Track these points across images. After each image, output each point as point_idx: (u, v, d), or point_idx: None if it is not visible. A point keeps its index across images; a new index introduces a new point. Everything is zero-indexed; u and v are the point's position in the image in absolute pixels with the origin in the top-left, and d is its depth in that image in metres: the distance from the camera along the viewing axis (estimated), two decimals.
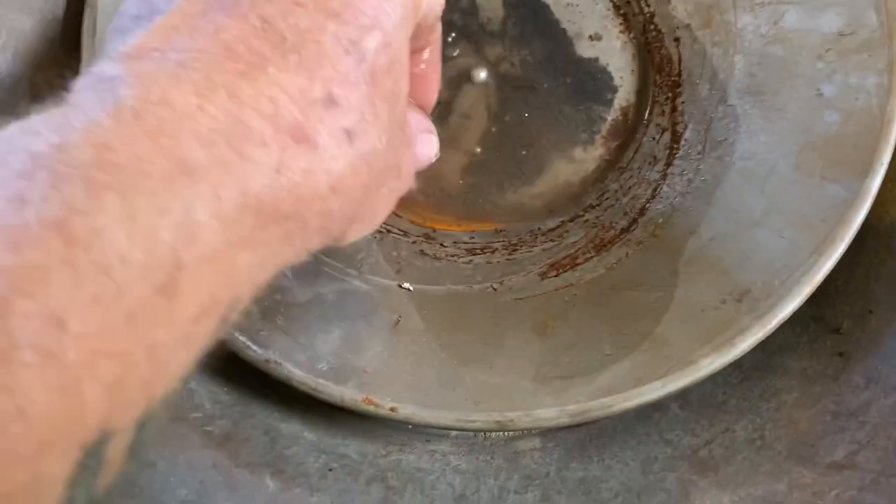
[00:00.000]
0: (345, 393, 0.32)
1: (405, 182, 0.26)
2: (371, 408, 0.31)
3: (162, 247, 0.17)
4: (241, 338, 0.32)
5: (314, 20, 0.20)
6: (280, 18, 0.20)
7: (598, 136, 0.40)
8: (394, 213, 0.39)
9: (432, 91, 0.32)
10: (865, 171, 0.32)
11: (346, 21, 0.20)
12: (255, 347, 0.32)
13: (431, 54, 0.30)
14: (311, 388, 0.32)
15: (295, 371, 0.32)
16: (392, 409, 0.31)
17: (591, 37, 0.41)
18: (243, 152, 0.18)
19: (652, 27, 0.40)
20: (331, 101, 0.20)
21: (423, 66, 0.30)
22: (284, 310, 0.34)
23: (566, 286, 0.36)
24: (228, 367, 0.34)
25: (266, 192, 0.18)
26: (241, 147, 0.18)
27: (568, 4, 0.41)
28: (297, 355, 0.32)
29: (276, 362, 0.32)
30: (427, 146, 0.31)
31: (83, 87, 0.19)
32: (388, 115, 0.22)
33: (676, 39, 0.39)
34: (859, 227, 0.32)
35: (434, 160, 0.32)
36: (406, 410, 0.31)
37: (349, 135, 0.20)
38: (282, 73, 0.19)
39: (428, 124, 0.31)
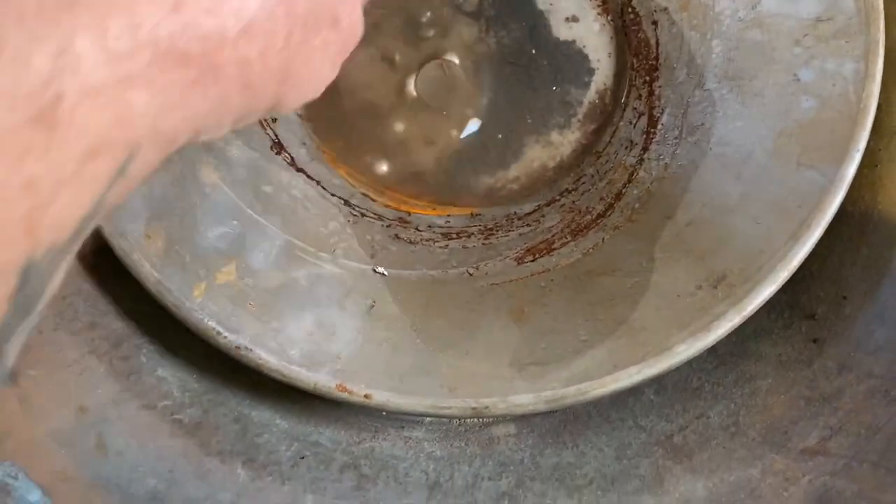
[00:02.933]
0: (318, 380, 0.31)
1: (347, 34, 0.24)
2: (345, 395, 0.31)
3: (35, 75, 0.15)
4: (211, 323, 0.32)
5: None
6: None
7: (574, 120, 0.40)
8: (368, 196, 0.39)
9: None
10: (841, 158, 0.32)
11: None
12: (225, 333, 0.31)
13: None
14: (282, 375, 0.31)
15: (266, 358, 0.31)
16: (366, 396, 0.31)
17: (568, 18, 0.40)
18: None
19: (630, 10, 0.40)
20: None
21: None
22: (256, 294, 0.33)
23: (542, 271, 0.35)
24: (198, 353, 0.34)
25: (162, 28, 0.17)
26: None
27: None
28: (268, 341, 0.32)
29: (246, 349, 0.31)
30: None
31: None
32: None
33: (654, 22, 0.39)
34: (835, 213, 0.32)
35: None
36: (380, 397, 0.31)
37: None
38: None
39: None
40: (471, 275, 0.36)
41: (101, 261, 0.33)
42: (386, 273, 0.35)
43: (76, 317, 0.33)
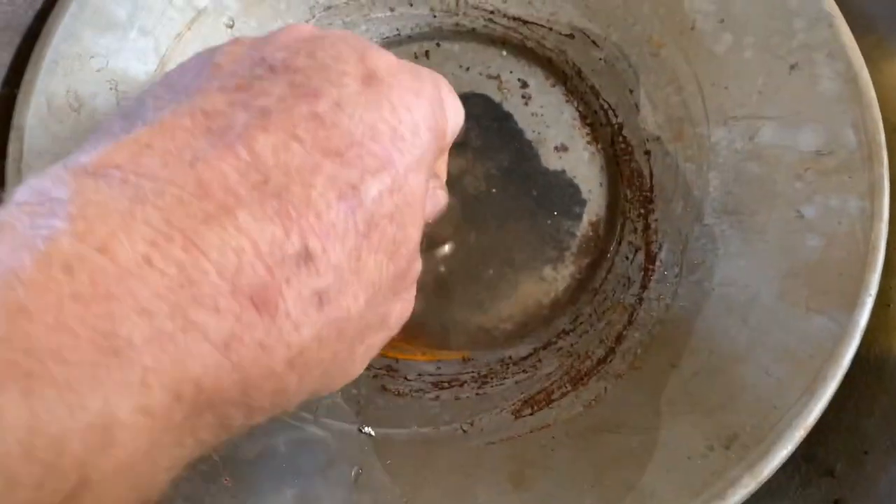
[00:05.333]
0: None
1: (394, 330, 0.23)
2: None
3: (67, 459, 0.13)
4: None
5: (310, 159, 0.17)
6: (271, 153, 0.17)
7: (567, 253, 0.38)
8: None
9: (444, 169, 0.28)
10: (853, 303, 0.31)
11: (347, 162, 0.17)
12: None
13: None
14: None
15: None
16: None
17: (557, 147, 0.39)
18: (189, 322, 0.15)
19: (620, 139, 0.38)
20: (305, 257, 0.17)
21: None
22: (231, 468, 0.30)
23: (542, 427, 0.33)
24: None
25: (208, 373, 0.15)
26: (186, 314, 0.15)
27: (532, 114, 0.39)
28: None
29: None
30: (433, 204, 0.26)
31: (19, 202, 0.15)
32: (376, 269, 0.19)
33: (647, 152, 0.38)
34: (850, 362, 0.30)
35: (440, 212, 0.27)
36: None
37: (321, 298, 0.17)
38: (255, 219, 0.16)
39: (435, 182, 0.26)
40: (465, 432, 0.33)
41: None
42: (373, 433, 0.33)
43: None
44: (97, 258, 0.14)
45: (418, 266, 0.22)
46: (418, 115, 0.19)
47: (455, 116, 0.22)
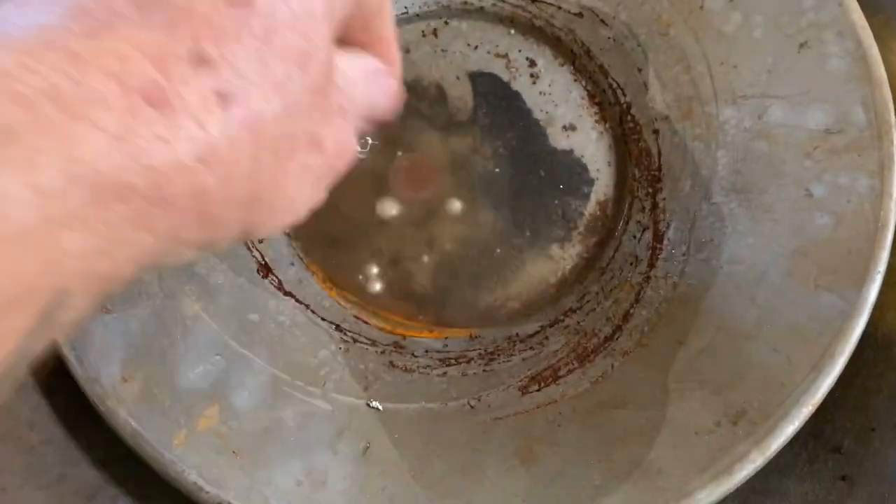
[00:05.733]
0: None
1: (334, 157, 0.22)
2: None
3: None
4: (192, 477, 0.29)
5: None
6: None
7: (575, 233, 0.38)
8: (361, 319, 0.37)
9: (395, 54, 0.26)
10: (861, 280, 0.31)
11: None
12: (207, 488, 0.29)
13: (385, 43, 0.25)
14: None
15: None
16: None
17: (565, 127, 0.39)
18: (76, 114, 0.15)
19: (629, 118, 0.38)
20: (200, 60, 0.17)
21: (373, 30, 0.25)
22: (240, 440, 0.30)
23: (549, 403, 0.33)
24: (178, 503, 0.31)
25: (104, 159, 0.15)
26: (73, 109, 0.15)
27: (541, 93, 0.39)
28: (253, 495, 0.29)
29: None
30: (386, 92, 0.25)
31: None
32: (287, 76, 0.18)
33: (655, 131, 0.37)
34: (858, 339, 0.30)
35: (391, 110, 0.25)
36: None
37: (223, 98, 0.17)
38: (137, 29, 0.16)
39: (382, 66, 0.25)
40: (472, 407, 0.33)
41: (75, 404, 0.31)
42: (381, 408, 0.33)
43: (45, 469, 0.30)
44: None
45: (337, 94, 0.21)
46: None
47: None
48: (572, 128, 0.39)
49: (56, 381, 0.31)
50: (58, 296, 0.16)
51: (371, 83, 0.24)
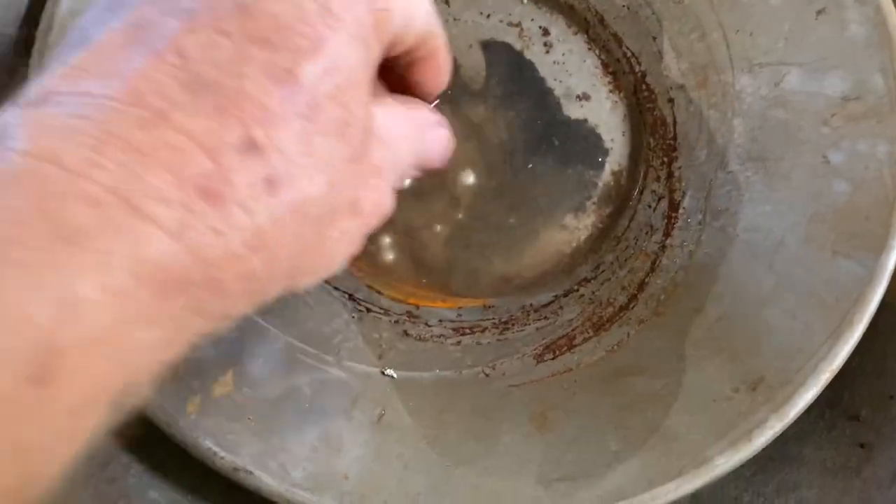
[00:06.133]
0: None
1: (370, 218, 0.23)
2: None
3: (34, 329, 0.14)
4: (207, 443, 0.29)
5: (238, 50, 0.17)
6: (199, 51, 0.17)
7: (589, 203, 0.38)
8: (374, 289, 0.36)
9: (441, 78, 0.27)
10: (880, 247, 0.30)
11: (277, 47, 0.18)
12: (222, 454, 0.29)
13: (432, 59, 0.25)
14: (284, 499, 0.29)
15: (267, 480, 0.29)
16: None
17: (579, 96, 0.38)
18: (139, 212, 0.16)
19: (644, 87, 0.38)
20: (250, 146, 0.17)
21: (422, 70, 0.25)
22: (255, 407, 0.30)
23: (564, 371, 0.33)
24: (192, 470, 0.31)
25: (166, 257, 0.16)
26: (136, 206, 0.16)
27: (554, 62, 0.39)
28: (269, 461, 0.29)
29: (246, 471, 0.29)
30: (436, 143, 0.26)
31: None
32: (330, 151, 0.19)
33: (670, 100, 0.37)
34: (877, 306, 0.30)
35: (448, 156, 0.27)
36: None
37: (271, 183, 0.17)
38: (190, 118, 0.17)
39: (433, 116, 0.26)
40: (487, 375, 0.33)
41: None
42: (395, 376, 0.33)
43: None
44: (43, 166, 0.15)
45: (378, 151, 0.22)
46: None
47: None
48: (586, 97, 0.38)
49: None
50: (129, 388, 0.16)
51: (419, 136, 0.25)
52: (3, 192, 0.15)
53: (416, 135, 0.25)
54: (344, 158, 0.19)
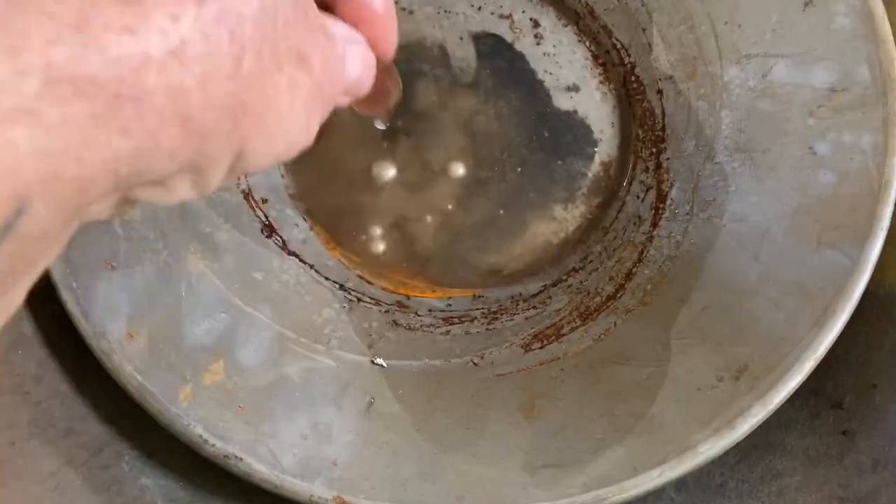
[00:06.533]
0: (313, 490, 0.29)
1: (322, 78, 0.21)
2: None
3: None
4: (198, 430, 0.29)
5: None
6: None
7: (578, 194, 0.38)
8: (364, 279, 0.37)
9: (388, 34, 0.25)
10: (864, 237, 0.31)
11: None
12: (213, 441, 0.29)
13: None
14: (275, 486, 0.29)
15: (257, 467, 0.29)
16: None
17: (568, 88, 0.39)
18: (24, 4, 0.14)
19: (633, 78, 0.38)
20: None
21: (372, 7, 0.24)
22: (245, 395, 0.31)
23: (552, 360, 0.33)
24: (184, 457, 0.31)
25: (57, 50, 0.14)
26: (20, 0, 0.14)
27: (545, 54, 0.39)
28: (259, 448, 0.29)
29: (236, 458, 0.29)
30: (354, 59, 0.24)
31: None
32: None
33: (659, 91, 0.37)
34: (860, 296, 0.30)
35: (367, 81, 0.24)
36: None
37: None
38: None
39: (355, 34, 0.24)
40: (475, 364, 0.34)
41: (81, 360, 0.31)
42: (385, 364, 0.33)
43: (52, 423, 0.31)
44: None
45: (320, 20, 0.21)
46: None
47: None
48: (576, 89, 0.39)
49: (62, 336, 0.31)
50: (16, 200, 0.15)
51: (351, 54, 0.23)
52: None
53: (342, 38, 0.23)
54: None
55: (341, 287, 0.36)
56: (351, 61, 0.23)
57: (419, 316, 0.36)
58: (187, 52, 0.16)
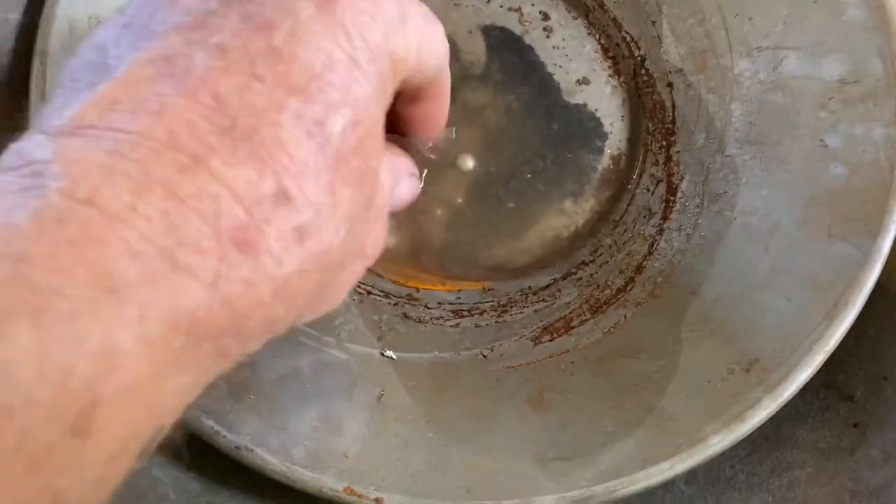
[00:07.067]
0: (323, 482, 0.29)
1: (371, 258, 0.24)
2: (353, 498, 0.29)
3: (76, 381, 0.14)
4: (209, 422, 0.29)
5: (273, 97, 0.17)
6: (235, 95, 0.17)
7: (588, 187, 0.38)
8: (374, 272, 0.37)
9: (437, 124, 0.27)
10: (876, 230, 0.30)
11: (310, 97, 0.18)
12: (224, 433, 0.29)
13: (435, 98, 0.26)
14: (286, 477, 0.29)
15: (268, 458, 0.29)
16: (376, 501, 0.28)
17: (578, 81, 0.39)
18: (177, 263, 0.16)
19: (643, 71, 0.38)
20: (282, 197, 0.17)
21: (425, 107, 0.26)
22: (256, 387, 0.31)
23: (561, 353, 0.33)
24: (195, 449, 0.31)
25: (199, 308, 0.16)
26: (174, 257, 0.16)
27: (554, 47, 0.39)
28: (270, 440, 0.29)
29: (247, 449, 0.29)
30: (405, 188, 0.26)
31: (7, 168, 0.16)
32: (350, 201, 0.19)
33: (669, 84, 0.37)
34: (871, 289, 0.30)
35: (407, 205, 0.27)
36: (392, 501, 0.28)
37: (300, 234, 0.18)
38: (228, 166, 0.17)
39: (411, 167, 0.27)
40: (485, 357, 0.34)
41: None
42: (395, 357, 0.33)
43: None
44: (85, 209, 0.15)
45: (382, 196, 0.23)
46: (375, 39, 0.19)
47: (422, 42, 0.21)
48: (586, 82, 0.39)
49: None
50: (157, 432, 0.17)
51: (397, 181, 0.25)
52: (47, 236, 0.15)
53: (395, 179, 0.25)
54: (360, 207, 0.20)
55: None
56: (403, 189, 0.26)
57: (429, 309, 0.36)
58: (285, 290, 0.18)
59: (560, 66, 0.39)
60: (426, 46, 0.21)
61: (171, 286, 0.16)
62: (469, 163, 0.38)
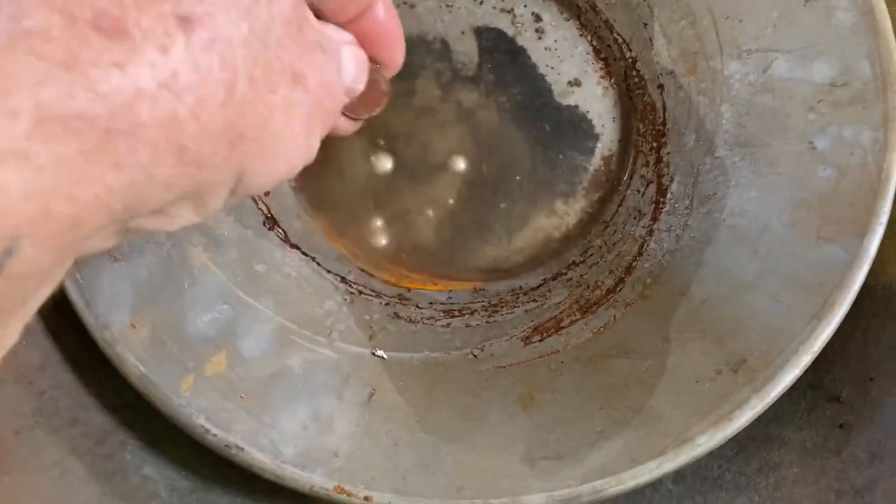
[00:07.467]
0: (314, 480, 0.29)
1: (320, 95, 0.21)
2: (343, 496, 0.29)
3: None
4: (200, 420, 0.30)
5: None
6: None
7: (579, 188, 0.38)
8: (365, 272, 0.37)
9: (395, 48, 0.25)
10: (863, 231, 0.31)
11: None
12: (214, 431, 0.29)
13: (384, 8, 0.24)
14: (276, 475, 0.29)
15: (258, 457, 0.29)
16: (366, 499, 0.29)
17: (570, 82, 0.39)
18: (11, 47, 0.14)
19: (634, 73, 0.38)
20: None
21: (377, 21, 0.24)
22: (247, 385, 0.31)
23: (551, 353, 0.33)
24: (186, 447, 0.31)
25: (46, 89, 0.14)
26: (8, 43, 0.14)
27: (546, 48, 0.39)
28: (260, 438, 0.30)
29: (237, 447, 0.29)
30: (349, 60, 0.23)
31: None
32: (254, 1, 0.17)
33: (660, 86, 0.37)
34: (858, 290, 0.30)
35: (362, 80, 0.24)
36: (382, 499, 0.29)
37: (184, 21, 0.16)
38: None
39: (346, 35, 0.24)
40: (475, 356, 0.34)
41: (84, 351, 0.31)
42: (385, 356, 0.33)
43: (56, 412, 0.31)
44: None
45: (315, 35, 0.21)
46: None
47: None
48: (577, 83, 0.39)
49: (65, 327, 0.32)
50: (7, 240, 0.14)
51: (347, 50, 0.23)
52: None
53: (341, 37, 0.23)
54: (271, 13, 0.18)
55: (343, 279, 0.36)
56: (346, 63, 0.23)
57: (420, 308, 0.36)
58: (178, 83, 0.16)
59: (552, 68, 0.39)
60: None
61: (6, 62, 0.14)
62: (461, 164, 0.38)
